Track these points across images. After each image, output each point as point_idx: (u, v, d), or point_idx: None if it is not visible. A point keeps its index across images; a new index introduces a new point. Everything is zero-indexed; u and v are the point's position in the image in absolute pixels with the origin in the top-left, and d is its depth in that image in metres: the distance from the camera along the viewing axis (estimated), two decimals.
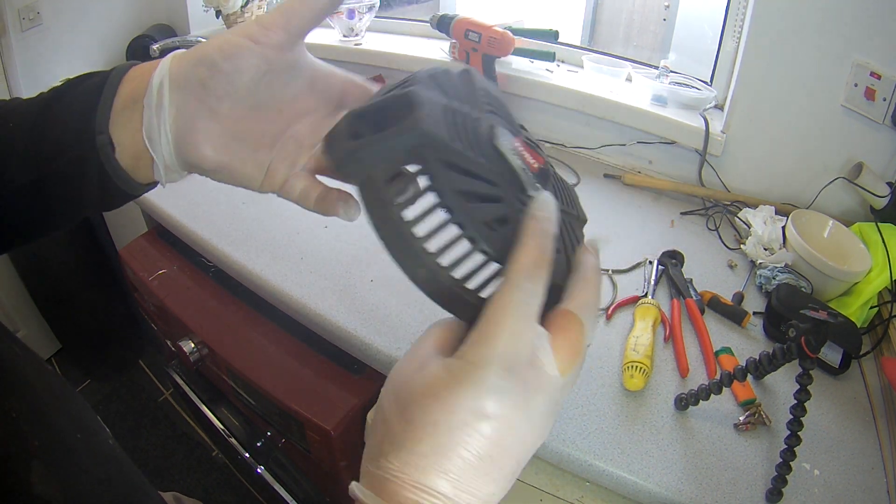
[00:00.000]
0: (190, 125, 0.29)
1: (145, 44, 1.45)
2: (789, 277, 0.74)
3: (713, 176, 0.99)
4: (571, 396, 0.61)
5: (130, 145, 0.30)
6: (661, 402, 0.61)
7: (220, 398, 0.96)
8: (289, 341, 0.78)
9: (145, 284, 0.91)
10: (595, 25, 1.35)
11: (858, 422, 0.60)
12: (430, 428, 0.23)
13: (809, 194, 0.89)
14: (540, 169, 0.30)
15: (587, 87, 1.09)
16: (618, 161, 1.10)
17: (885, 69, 0.76)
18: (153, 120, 0.29)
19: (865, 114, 0.80)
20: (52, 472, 0.25)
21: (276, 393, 0.72)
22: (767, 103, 0.90)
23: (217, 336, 0.81)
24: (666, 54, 1.21)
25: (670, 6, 1.20)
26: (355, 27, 1.39)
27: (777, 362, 0.51)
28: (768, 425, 0.58)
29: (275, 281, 0.75)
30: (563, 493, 0.57)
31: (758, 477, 0.53)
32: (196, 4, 1.59)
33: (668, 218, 0.92)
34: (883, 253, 0.73)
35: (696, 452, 0.56)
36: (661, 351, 0.67)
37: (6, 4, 1.24)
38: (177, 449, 1.47)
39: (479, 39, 1.09)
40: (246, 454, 0.87)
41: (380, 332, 0.68)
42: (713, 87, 1.05)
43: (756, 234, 0.82)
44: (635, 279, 0.78)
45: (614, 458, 0.55)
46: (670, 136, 1.00)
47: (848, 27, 0.78)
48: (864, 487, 0.53)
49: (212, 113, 0.30)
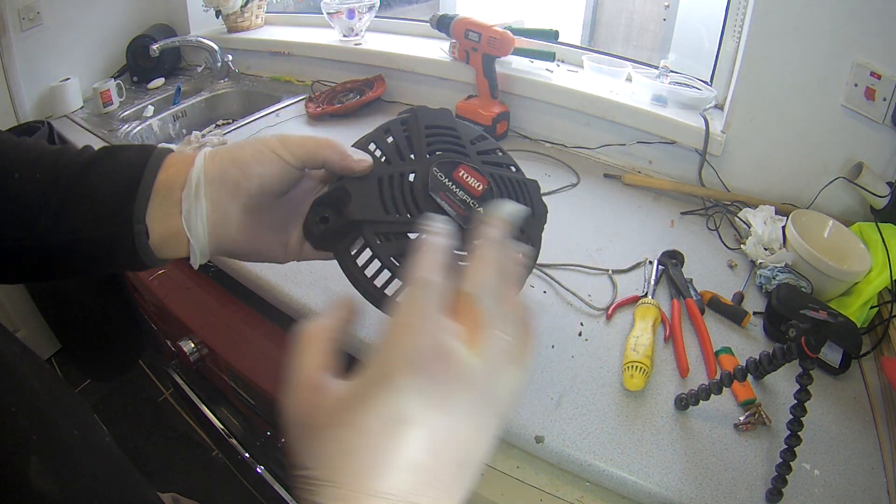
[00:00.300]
0: (223, 219, 0.35)
1: (145, 44, 1.46)
2: (789, 277, 0.74)
3: (713, 176, 0.99)
4: (571, 396, 0.61)
5: (161, 229, 0.34)
6: (661, 402, 0.61)
7: (220, 398, 0.96)
8: (289, 341, 0.78)
9: (145, 284, 0.91)
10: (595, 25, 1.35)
11: (858, 422, 0.60)
12: (350, 456, 0.21)
13: (809, 194, 0.89)
14: (484, 190, 0.38)
15: (587, 87, 1.09)
16: (618, 161, 1.09)
17: (885, 69, 0.76)
18: (192, 210, 0.34)
19: (865, 114, 0.80)
20: (49, 467, 0.25)
21: (276, 393, 0.72)
22: (767, 103, 0.90)
23: (217, 336, 0.81)
24: (666, 54, 1.21)
25: (670, 6, 1.20)
26: (355, 27, 1.39)
27: (777, 362, 0.51)
28: (768, 425, 0.58)
29: (275, 281, 0.75)
30: (563, 493, 0.57)
31: (758, 477, 0.53)
32: (196, 4, 1.59)
33: (668, 218, 0.92)
34: (883, 253, 0.73)
35: (696, 452, 0.56)
36: (661, 351, 0.67)
37: (6, 4, 1.24)
38: (177, 449, 1.47)
39: (479, 39, 1.09)
40: (246, 454, 0.87)
41: (380, 332, 0.67)
42: (713, 87, 1.05)
43: (756, 234, 0.82)
44: (635, 279, 0.78)
45: (614, 458, 0.55)
46: (670, 136, 1.00)
47: (848, 27, 0.78)
48: (864, 487, 0.53)
49: (241, 206, 0.35)
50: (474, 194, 0.38)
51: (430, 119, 0.41)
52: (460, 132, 0.42)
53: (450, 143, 0.41)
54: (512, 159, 0.45)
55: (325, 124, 1.27)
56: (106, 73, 1.54)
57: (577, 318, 0.71)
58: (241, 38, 1.56)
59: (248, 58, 1.57)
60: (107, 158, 0.35)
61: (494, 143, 0.44)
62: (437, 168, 0.37)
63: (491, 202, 0.38)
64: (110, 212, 0.33)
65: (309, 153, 0.36)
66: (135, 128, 1.31)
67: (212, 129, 1.25)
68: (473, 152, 0.42)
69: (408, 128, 0.41)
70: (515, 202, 0.40)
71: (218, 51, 1.50)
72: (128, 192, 0.34)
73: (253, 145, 0.35)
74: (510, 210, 0.30)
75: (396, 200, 0.36)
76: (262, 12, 1.61)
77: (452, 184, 0.37)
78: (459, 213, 0.36)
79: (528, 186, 0.43)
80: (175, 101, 1.47)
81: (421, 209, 0.36)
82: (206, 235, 0.35)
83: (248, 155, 0.35)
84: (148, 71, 1.54)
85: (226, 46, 1.54)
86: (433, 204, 0.36)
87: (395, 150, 0.39)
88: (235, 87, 1.51)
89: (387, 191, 0.36)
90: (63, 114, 1.39)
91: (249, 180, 0.35)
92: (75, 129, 1.33)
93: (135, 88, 1.54)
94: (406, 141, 0.39)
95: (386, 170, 0.37)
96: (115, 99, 1.41)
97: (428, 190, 0.36)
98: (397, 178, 0.37)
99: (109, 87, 1.39)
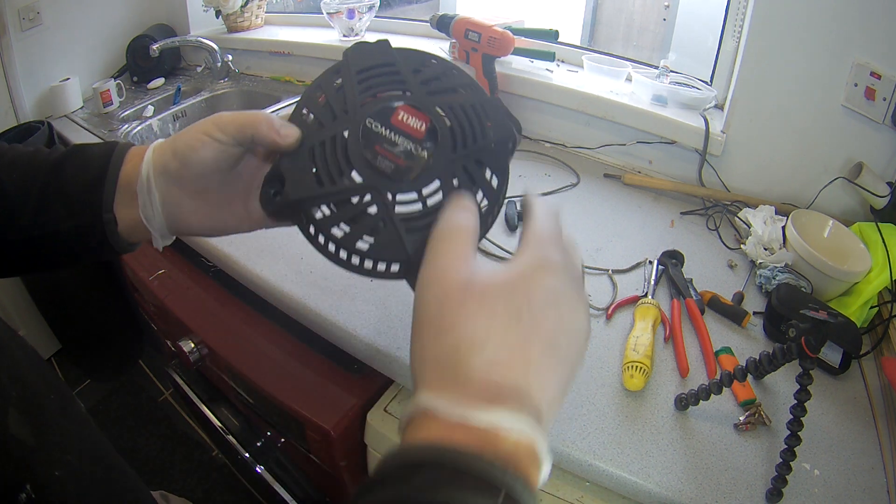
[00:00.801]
0: (175, 206, 0.38)
1: (145, 44, 1.46)
2: (789, 277, 0.74)
3: (713, 176, 0.99)
4: (571, 396, 0.61)
5: (127, 219, 0.38)
6: (661, 402, 0.61)
7: (220, 398, 0.96)
8: (289, 341, 0.78)
9: (145, 284, 0.91)
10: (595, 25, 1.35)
11: (858, 422, 0.60)
12: (508, 318, 0.24)
13: (809, 194, 0.89)
14: (427, 128, 0.34)
15: (587, 87, 1.09)
16: (618, 161, 1.10)
17: (885, 69, 0.76)
18: (147, 203, 0.37)
19: (865, 114, 0.80)
20: (26, 419, 0.29)
21: (276, 393, 0.72)
22: (767, 103, 0.90)
23: (217, 336, 0.81)
24: (666, 54, 1.21)
25: (670, 6, 1.21)
26: (355, 27, 1.39)
27: (777, 362, 0.51)
28: (768, 425, 0.58)
29: (275, 281, 0.75)
30: (563, 493, 0.57)
31: (758, 477, 0.53)
32: (196, 4, 1.59)
33: (668, 218, 0.92)
34: (883, 253, 0.73)
35: (696, 452, 0.56)
36: (661, 351, 0.67)
37: (6, 4, 1.24)
38: (177, 449, 1.47)
39: (479, 39, 1.09)
40: (246, 454, 0.87)
41: (380, 332, 0.68)
42: (713, 87, 1.05)
43: (756, 234, 0.82)
44: (635, 279, 0.78)
45: (614, 458, 0.55)
46: (670, 136, 1.00)
47: (848, 27, 0.78)
48: (864, 487, 0.53)
49: (190, 193, 0.38)
50: (417, 137, 0.34)
51: (364, 60, 0.37)
52: (400, 65, 0.37)
53: (390, 81, 0.36)
54: (468, 77, 0.38)
55: None
56: (106, 73, 1.54)
57: None
58: (240, 38, 1.56)
59: (248, 58, 1.57)
60: (75, 156, 0.38)
61: (442, 66, 0.38)
62: (371, 118, 0.34)
63: (439, 141, 0.34)
64: (81, 205, 0.37)
65: (239, 128, 0.36)
66: (135, 128, 1.31)
67: None
68: (417, 84, 0.36)
69: (340, 76, 0.36)
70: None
71: (218, 51, 1.50)
72: (95, 185, 0.37)
73: (189, 132, 0.37)
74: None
75: (331, 168, 0.34)
76: (261, 12, 1.61)
77: (391, 132, 0.34)
78: (399, 164, 0.33)
79: (485, 108, 0.36)
80: (175, 101, 1.47)
81: (357, 169, 0.33)
82: (163, 222, 0.38)
83: (184, 144, 0.36)
84: (148, 71, 1.54)
85: (226, 46, 1.54)
86: (365, 164, 0.33)
87: (326, 109, 0.35)
88: (235, 87, 1.51)
89: (319, 160, 0.34)
90: (63, 114, 1.39)
91: (189, 168, 0.36)
92: (75, 129, 1.33)
93: (135, 88, 1.54)
94: (339, 95, 0.36)
95: (318, 136, 0.35)
96: (115, 99, 1.41)
97: (361, 148, 0.33)
98: (329, 142, 0.34)
99: (109, 87, 1.39)
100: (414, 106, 0.35)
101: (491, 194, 0.34)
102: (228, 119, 0.36)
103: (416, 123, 0.34)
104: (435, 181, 0.33)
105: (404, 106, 0.35)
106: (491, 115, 0.36)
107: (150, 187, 0.37)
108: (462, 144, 0.34)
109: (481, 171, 0.34)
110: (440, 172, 0.33)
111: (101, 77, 1.49)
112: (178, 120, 1.43)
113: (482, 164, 0.34)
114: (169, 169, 0.37)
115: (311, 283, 0.74)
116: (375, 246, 0.32)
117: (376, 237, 0.32)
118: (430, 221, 0.32)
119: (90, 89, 1.40)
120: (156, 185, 0.37)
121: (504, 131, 0.36)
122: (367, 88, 0.36)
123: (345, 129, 0.35)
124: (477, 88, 0.37)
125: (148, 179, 0.37)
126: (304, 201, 0.33)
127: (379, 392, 0.70)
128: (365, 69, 0.37)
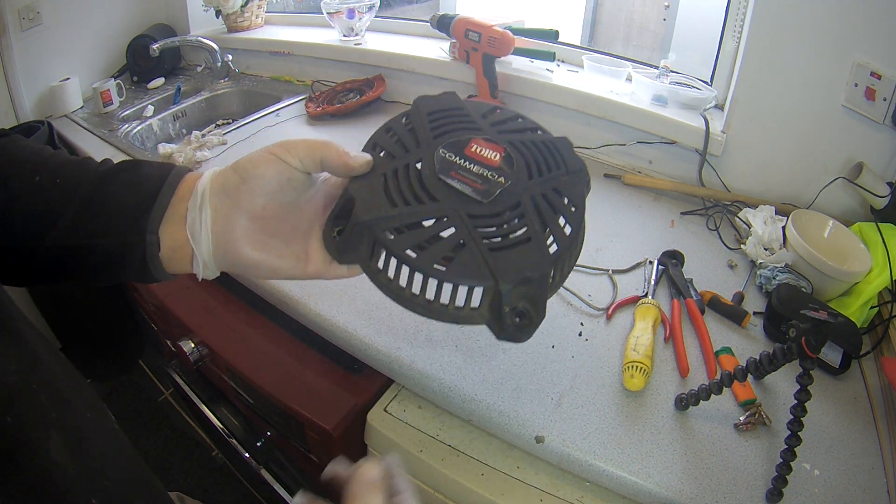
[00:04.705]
0: (227, 224, 0.36)
1: (145, 44, 1.46)
2: (789, 277, 0.74)
3: (713, 176, 0.99)
4: (571, 396, 0.61)
5: (169, 240, 0.36)
6: (661, 402, 0.61)
7: (220, 398, 0.96)
8: (289, 341, 0.78)
9: (145, 285, 0.90)
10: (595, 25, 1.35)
11: (858, 422, 0.60)
12: None
13: (809, 194, 0.89)
14: (503, 157, 0.36)
15: (587, 87, 1.09)
16: (618, 161, 1.10)
17: (885, 69, 0.76)
18: (196, 221, 0.35)
19: (865, 114, 0.80)
20: (66, 443, 0.27)
21: (276, 393, 0.72)
22: (767, 103, 0.90)
23: (217, 336, 0.81)
24: (666, 54, 1.20)
25: (670, 6, 1.20)
26: (355, 27, 1.39)
27: (777, 362, 0.51)
28: (768, 425, 0.58)
29: (274, 281, 0.75)
30: (563, 493, 0.57)
31: (758, 477, 0.53)
32: (196, 4, 1.59)
33: (668, 218, 0.92)
34: (883, 253, 0.73)
35: (696, 452, 0.56)
36: (661, 351, 0.67)
37: (6, 4, 1.24)
38: (176, 449, 1.47)
39: (479, 39, 1.09)
40: (246, 454, 0.87)
41: (380, 332, 0.68)
42: (713, 87, 1.05)
43: (756, 234, 0.82)
44: (635, 279, 0.78)
45: (614, 458, 0.55)
46: (670, 136, 1.00)
47: (848, 27, 0.78)
48: (864, 487, 0.53)
49: (245, 213, 0.36)
50: (492, 165, 0.35)
51: (433, 105, 0.40)
52: (469, 110, 0.40)
53: (459, 122, 0.39)
54: (535, 123, 0.41)
55: (325, 124, 1.27)
56: (106, 72, 1.54)
57: (577, 318, 0.71)
58: (241, 38, 1.56)
59: (248, 57, 1.57)
60: (128, 170, 0.37)
61: (511, 112, 0.41)
62: (444, 149, 0.36)
63: (514, 169, 0.35)
64: (126, 221, 0.35)
65: (307, 149, 0.36)
66: (135, 128, 1.31)
67: (212, 128, 1.25)
68: (487, 125, 0.39)
69: (410, 120, 0.39)
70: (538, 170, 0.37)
71: (218, 51, 1.50)
72: (145, 203, 0.35)
73: (254, 152, 0.36)
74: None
75: (404, 192, 0.34)
76: (262, 12, 1.61)
77: (465, 161, 0.35)
78: (476, 188, 0.34)
79: (556, 145, 0.39)
80: (175, 100, 1.47)
81: (431, 194, 0.34)
82: (210, 245, 0.36)
83: (247, 160, 0.36)
84: (148, 71, 1.53)
85: (226, 46, 1.54)
86: (443, 186, 0.34)
87: (398, 144, 0.37)
88: (235, 86, 1.51)
89: (392, 184, 0.35)
90: (63, 113, 1.39)
91: (248, 182, 0.35)
92: (75, 128, 1.33)
93: (135, 88, 1.53)
94: (410, 133, 0.38)
95: (389, 164, 0.36)
96: (115, 99, 1.41)
97: (437, 173, 0.35)
98: (402, 169, 0.35)
99: (109, 86, 1.39)
100: (487, 138, 0.36)
101: (573, 219, 0.35)
102: (294, 143, 0.36)
103: (491, 154, 0.36)
104: (514, 201, 0.34)
105: (477, 139, 0.36)
106: (563, 151, 0.38)
107: (202, 204, 0.35)
108: (538, 173, 0.36)
109: (560, 198, 0.36)
110: (519, 196, 0.34)
111: (101, 77, 1.49)
112: (178, 120, 1.43)
113: (560, 193, 0.36)
114: (227, 185, 0.35)
115: (311, 283, 0.74)
116: (456, 266, 0.31)
117: (457, 256, 0.31)
118: (509, 244, 0.32)
119: (90, 89, 1.40)
120: (210, 202, 0.35)
121: (577, 164, 0.38)
122: (438, 127, 0.38)
123: (418, 159, 0.36)
124: (545, 130, 0.40)
125: (202, 196, 0.35)
126: (374, 223, 0.33)
127: (379, 392, 0.70)
128: (435, 111, 0.39)
